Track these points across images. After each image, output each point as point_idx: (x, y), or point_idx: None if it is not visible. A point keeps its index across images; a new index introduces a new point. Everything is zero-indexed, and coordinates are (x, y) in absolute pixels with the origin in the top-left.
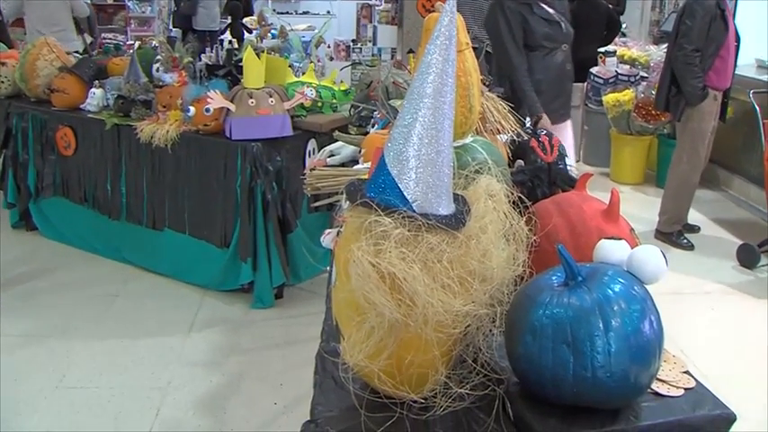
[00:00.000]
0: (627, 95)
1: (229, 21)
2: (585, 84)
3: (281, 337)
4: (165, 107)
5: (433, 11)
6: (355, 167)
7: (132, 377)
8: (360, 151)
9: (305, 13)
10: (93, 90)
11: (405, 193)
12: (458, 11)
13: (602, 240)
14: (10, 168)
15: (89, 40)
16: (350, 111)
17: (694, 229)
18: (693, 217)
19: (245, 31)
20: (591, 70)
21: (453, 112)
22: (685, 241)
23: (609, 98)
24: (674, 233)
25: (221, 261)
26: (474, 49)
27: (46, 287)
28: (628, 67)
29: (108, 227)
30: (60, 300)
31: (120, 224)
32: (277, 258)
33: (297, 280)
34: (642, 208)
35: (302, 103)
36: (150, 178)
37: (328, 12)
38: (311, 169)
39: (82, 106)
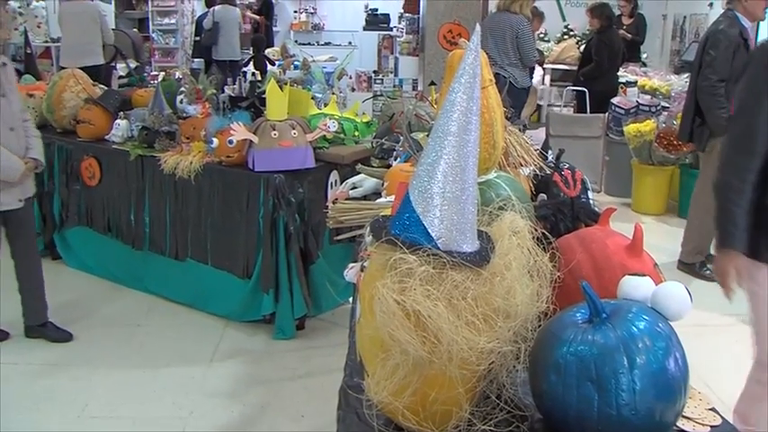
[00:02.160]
0: (648, 126)
1: (252, 53)
2: (606, 114)
3: (302, 369)
4: (188, 138)
5: (455, 42)
6: (378, 201)
7: (154, 407)
8: (382, 184)
9: (326, 44)
10: (117, 121)
11: (429, 231)
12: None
13: (627, 277)
14: (35, 198)
15: (134, 64)
16: (372, 143)
17: None
18: None
19: (267, 63)
20: (612, 101)
21: (478, 150)
22: (708, 272)
23: (630, 128)
24: (697, 264)
25: (243, 292)
26: (496, 75)
27: (69, 316)
28: (649, 97)
29: (131, 257)
30: (83, 329)
31: (143, 254)
32: (299, 289)
33: (318, 311)
34: (664, 239)
35: (324, 135)
36: (173, 209)
37: (350, 43)
38: (333, 201)
39: (107, 137)
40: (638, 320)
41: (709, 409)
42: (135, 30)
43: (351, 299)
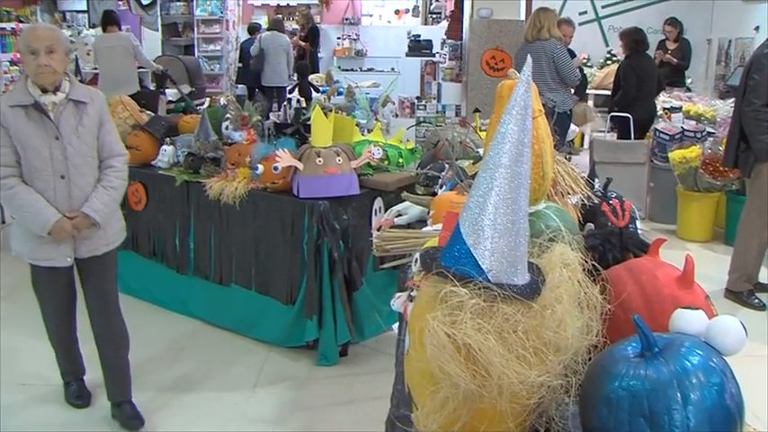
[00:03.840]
0: (693, 152)
1: (296, 79)
2: (651, 140)
3: (345, 395)
4: (233, 165)
5: (498, 68)
6: (424, 229)
7: None
8: (428, 212)
9: (369, 69)
10: (164, 147)
11: (480, 263)
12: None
13: (679, 310)
14: None
15: (186, 90)
16: (417, 171)
17: (766, 288)
18: (765, 275)
19: (312, 90)
20: (656, 126)
21: (529, 182)
22: (757, 301)
23: (675, 155)
24: (745, 292)
25: (287, 318)
26: (543, 106)
27: None
28: (694, 122)
29: (176, 281)
30: None
31: (188, 279)
32: (342, 316)
33: (361, 338)
34: (711, 266)
35: (369, 162)
36: (218, 234)
37: (393, 69)
38: (378, 229)
39: (153, 163)
40: (692, 355)
41: None
42: (191, 56)
43: (394, 326)
